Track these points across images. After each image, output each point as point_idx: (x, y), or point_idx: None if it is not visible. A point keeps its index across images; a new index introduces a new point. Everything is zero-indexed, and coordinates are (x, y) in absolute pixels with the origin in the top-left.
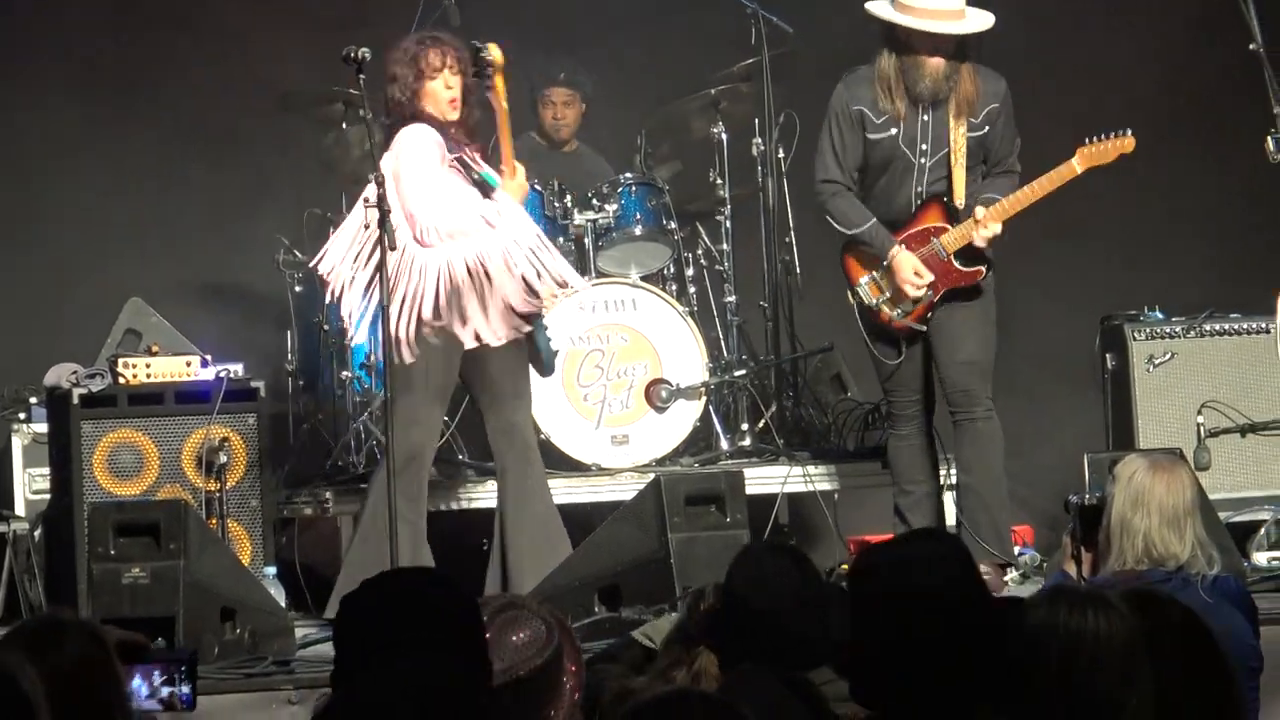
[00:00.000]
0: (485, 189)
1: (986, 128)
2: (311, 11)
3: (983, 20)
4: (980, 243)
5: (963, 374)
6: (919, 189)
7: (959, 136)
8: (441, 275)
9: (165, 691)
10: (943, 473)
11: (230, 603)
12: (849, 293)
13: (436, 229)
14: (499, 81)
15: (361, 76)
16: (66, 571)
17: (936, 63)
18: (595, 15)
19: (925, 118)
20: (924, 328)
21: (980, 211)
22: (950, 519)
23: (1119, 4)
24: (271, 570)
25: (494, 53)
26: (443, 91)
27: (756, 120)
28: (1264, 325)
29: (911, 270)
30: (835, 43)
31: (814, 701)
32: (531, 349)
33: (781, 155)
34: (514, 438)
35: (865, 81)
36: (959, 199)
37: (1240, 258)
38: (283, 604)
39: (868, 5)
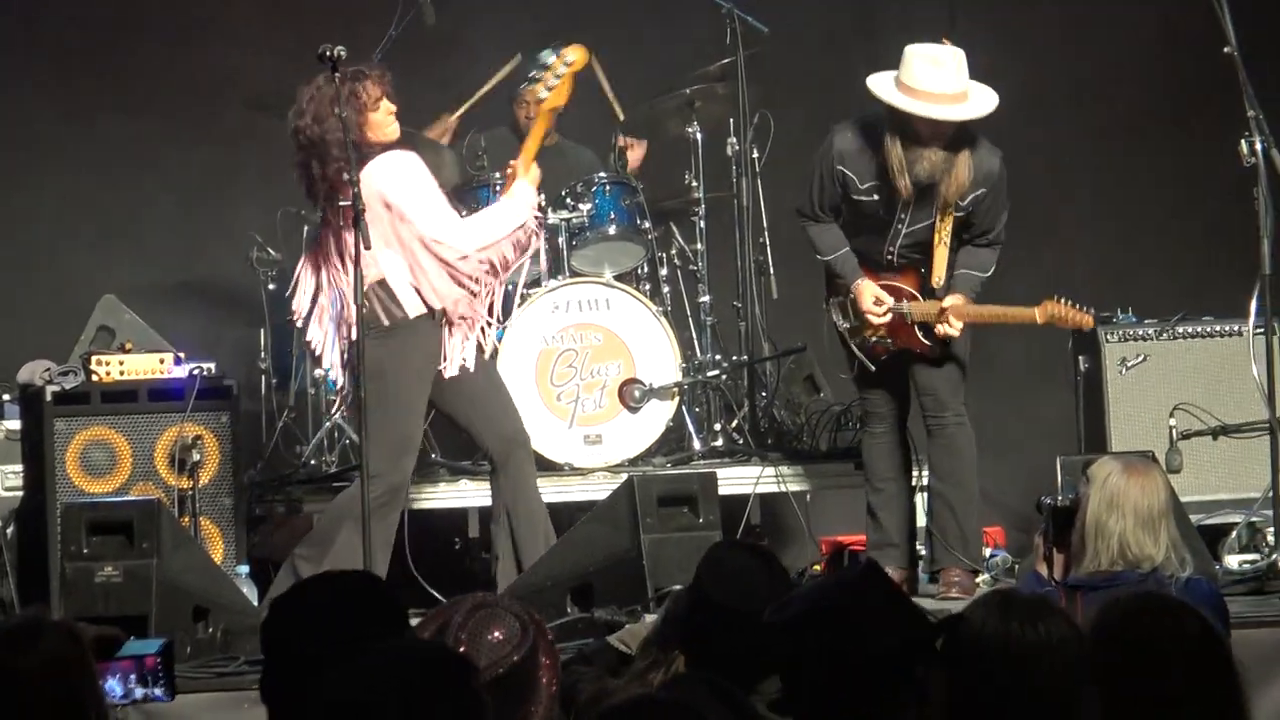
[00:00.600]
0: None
1: (971, 209)
2: (288, 11)
3: (984, 104)
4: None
5: (930, 377)
6: (891, 248)
7: (945, 216)
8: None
9: (139, 692)
10: (915, 474)
11: (203, 601)
12: (824, 304)
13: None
14: (564, 88)
15: (337, 75)
16: (39, 569)
17: (935, 147)
18: (571, 14)
19: (913, 193)
20: (873, 368)
21: (950, 301)
22: (922, 520)
23: (1093, 10)
24: (244, 569)
25: (576, 54)
26: (385, 118)
27: (731, 120)
28: (1236, 328)
29: (872, 298)
30: (810, 43)
31: (744, 713)
32: None
33: (756, 155)
34: (520, 440)
35: (855, 144)
36: (936, 277)
37: (1212, 260)
38: (255, 603)
39: (869, 83)
